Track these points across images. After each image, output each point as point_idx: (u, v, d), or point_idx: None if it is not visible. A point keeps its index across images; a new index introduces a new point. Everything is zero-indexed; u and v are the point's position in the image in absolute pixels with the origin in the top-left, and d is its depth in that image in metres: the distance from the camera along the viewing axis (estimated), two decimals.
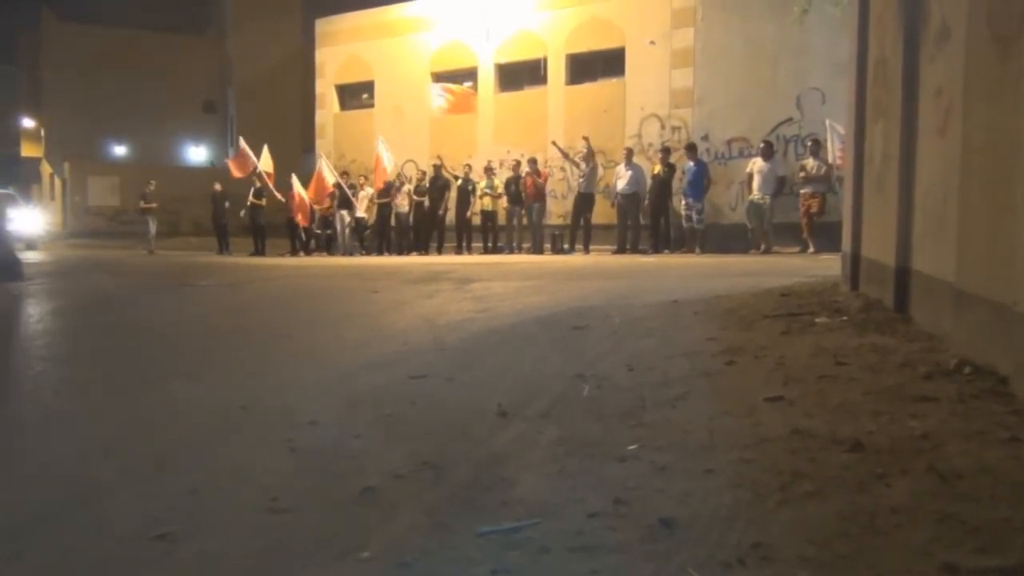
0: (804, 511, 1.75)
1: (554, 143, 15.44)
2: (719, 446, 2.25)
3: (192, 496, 2.08)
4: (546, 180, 15.52)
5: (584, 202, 14.80)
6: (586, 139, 14.84)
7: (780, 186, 13.02)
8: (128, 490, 2.20)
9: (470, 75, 18.38)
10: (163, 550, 1.76)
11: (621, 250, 14.19)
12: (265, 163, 17.70)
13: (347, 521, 1.90)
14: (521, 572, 1.58)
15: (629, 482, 2.02)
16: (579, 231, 14.89)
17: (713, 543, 1.63)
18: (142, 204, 19.79)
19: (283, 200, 17.71)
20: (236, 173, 18.22)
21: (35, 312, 6.92)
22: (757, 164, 13.12)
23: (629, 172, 14.32)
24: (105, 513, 2.02)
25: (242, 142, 18.22)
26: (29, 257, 16.18)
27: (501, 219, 16.04)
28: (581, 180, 14.87)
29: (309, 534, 1.83)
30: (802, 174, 12.82)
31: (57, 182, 37.40)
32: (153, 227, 19.76)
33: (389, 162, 16.73)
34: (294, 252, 17.89)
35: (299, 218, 17.55)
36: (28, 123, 41.27)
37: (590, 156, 14.81)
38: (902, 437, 2.17)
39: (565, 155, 15.30)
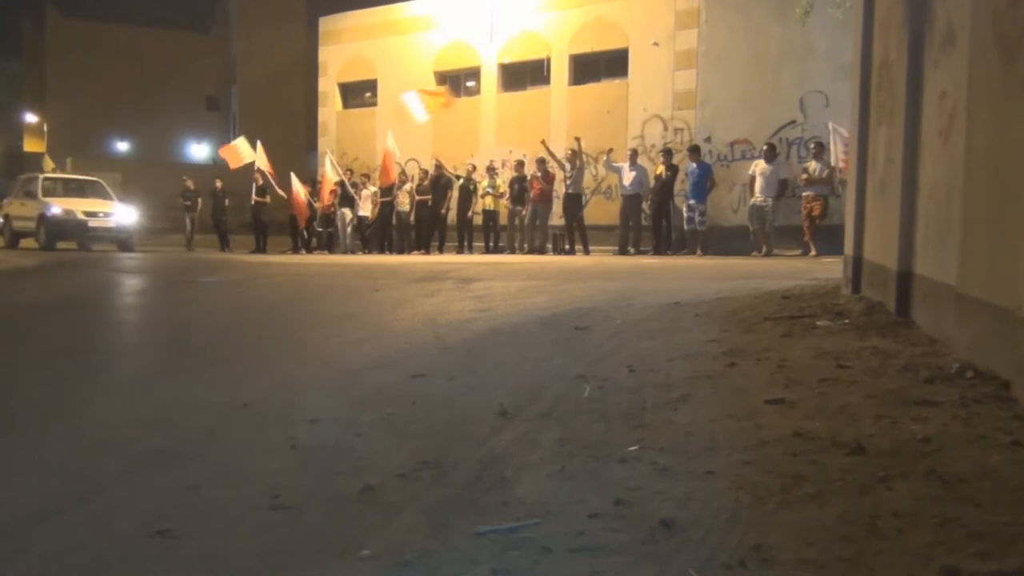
0: (805, 514, 1.75)
1: (543, 142, 15.34)
2: (720, 448, 2.25)
3: (193, 493, 2.08)
4: (552, 181, 15.49)
5: (573, 203, 14.77)
6: (577, 140, 14.79)
7: (782, 189, 13.02)
8: (129, 486, 2.21)
9: (473, 75, 18.39)
10: (164, 547, 1.76)
11: (623, 251, 14.19)
12: (261, 160, 17.68)
13: (348, 519, 1.90)
14: (521, 572, 1.58)
15: (630, 483, 2.02)
16: (574, 232, 14.87)
17: (714, 545, 1.63)
18: (184, 202, 18.94)
19: (285, 196, 17.72)
20: (231, 164, 18.20)
21: (30, 310, 6.92)
22: (759, 166, 13.13)
23: (633, 173, 14.31)
24: (105, 509, 2.03)
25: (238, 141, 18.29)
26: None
27: (503, 219, 16.03)
28: (568, 181, 14.84)
29: (310, 532, 1.83)
30: (804, 177, 12.82)
31: None
32: (190, 224, 19.28)
33: (398, 157, 16.76)
34: (295, 250, 17.89)
35: (300, 214, 17.56)
36: (31, 118, 41.34)
37: (575, 157, 14.76)
38: (903, 441, 2.17)
39: (551, 154, 15.25)
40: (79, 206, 17.16)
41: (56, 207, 17.11)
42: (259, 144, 17.77)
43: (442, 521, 1.84)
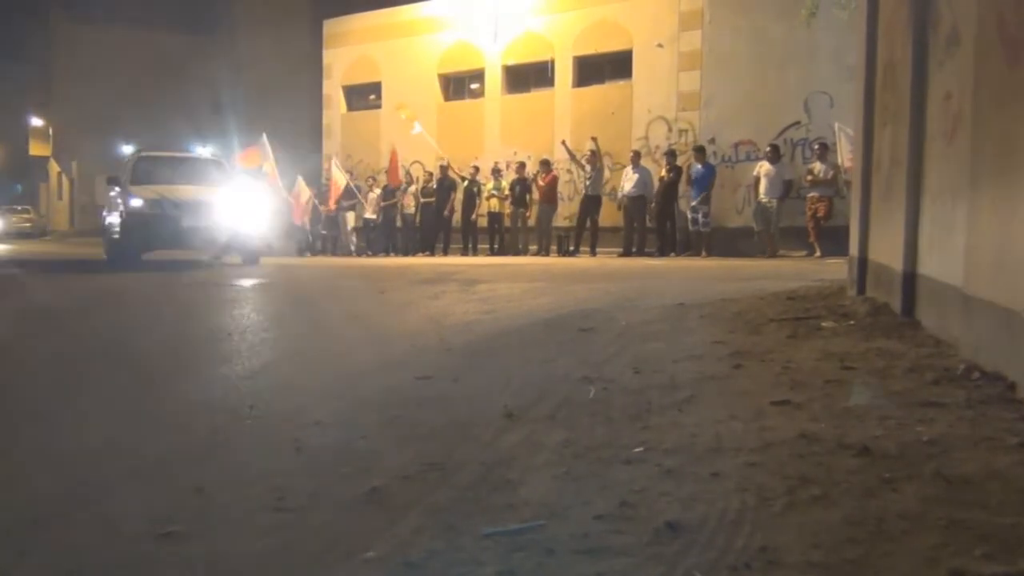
0: (811, 516, 1.74)
1: (564, 143, 15.42)
2: (726, 450, 2.25)
3: (199, 494, 2.09)
4: (556, 183, 15.50)
5: (591, 204, 14.79)
6: (594, 139, 14.82)
7: (787, 189, 13.00)
8: (134, 488, 2.21)
9: (477, 77, 18.41)
10: (170, 548, 1.76)
11: (627, 253, 14.19)
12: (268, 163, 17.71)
13: (353, 521, 1.90)
14: (527, 574, 1.58)
15: (635, 485, 2.01)
16: (585, 233, 14.89)
17: (719, 547, 1.63)
18: None
19: (291, 201, 17.76)
20: (243, 163, 18.05)
21: (28, 312, 6.94)
22: (764, 167, 13.11)
23: (636, 175, 14.32)
24: (111, 511, 2.03)
25: (264, 138, 18.14)
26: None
27: (507, 221, 16.05)
28: (587, 182, 14.87)
29: (315, 534, 1.83)
30: (809, 178, 12.81)
31: (65, 181, 37.52)
32: None
33: (402, 160, 16.85)
34: (299, 252, 17.93)
35: (297, 218, 17.59)
36: (37, 122, 41.45)
37: (595, 158, 14.79)
38: (909, 442, 2.16)
39: (572, 155, 15.29)
40: (175, 194, 11.44)
41: (138, 198, 11.43)
42: (264, 138, 17.75)
43: (447, 523, 1.84)
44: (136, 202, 11.52)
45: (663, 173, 14.15)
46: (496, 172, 16.09)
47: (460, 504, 1.97)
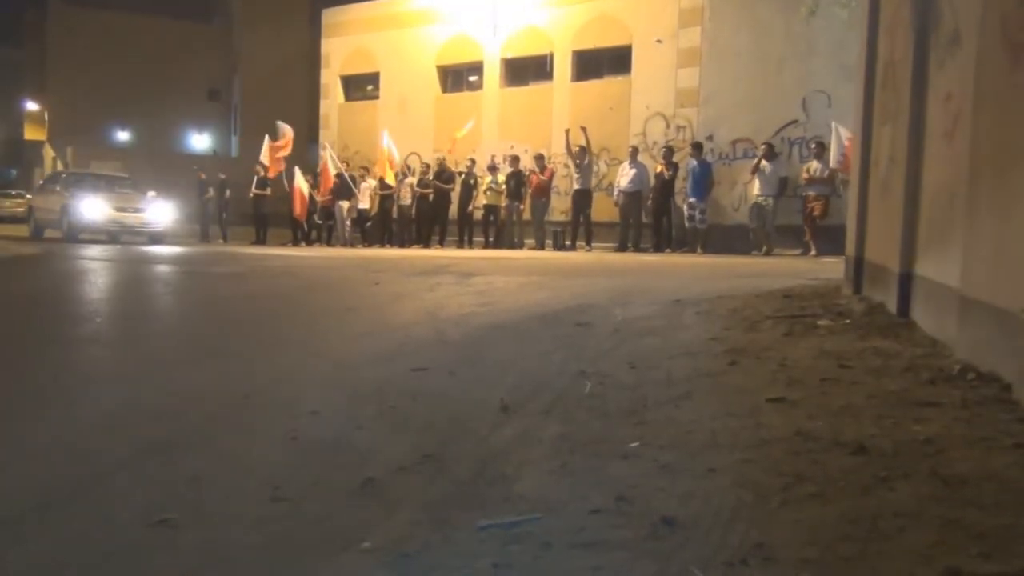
0: (807, 513, 1.74)
1: (570, 131, 15.23)
2: (721, 446, 2.25)
3: (194, 483, 2.08)
4: (550, 176, 15.48)
5: (582, 198, 14.78)
6: (583, 129, 14.67)
7: (783, 187, 13.01)
8: (129, 476, 2.20)
9: (476, 69, 18.37)
10: (164, 537, 1.76)
11: (623, 248, 14.19)
12: (264, 154, 17.69)
13: (348, 512, 1.90)
14: (522, 567, 1.58)
15: (631, 480, 2.01)
16: (579, 228, 14.88)
17: (715, 543, 1.63)
18: (203, 194, 18.71)
19: (287, 190, 17.71)
20: (273, 167, 17.79)
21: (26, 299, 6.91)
22: (762, 163, 13.12)
23: (633, 170, 14.31)
24: (106, 498, 2.02)
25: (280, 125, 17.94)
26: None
27: (503, 214, 16.03)
28: (577, 176, 14.85)
29: (310, 524, 1.83)
30: (806, 176, 12.82)
31: (60, 166, 37.30)
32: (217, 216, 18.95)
33: (396, 154, 16.78)
34: (295, 242, 17.89)
35: (297, 210, 17.51)
36: (32, 106, 41.25)
37: (583, 152, 14.73)
38: (905, 441, 2.17)
39: (567, 146, 15.19)
40: None
41: None
42: (267, 139, 17.75)
43: (443, 515, 1.84)
44: None
45: (660, 168, 14.14)
46: (492, 168, 16.05)
47: (456, 497, 1.97)
